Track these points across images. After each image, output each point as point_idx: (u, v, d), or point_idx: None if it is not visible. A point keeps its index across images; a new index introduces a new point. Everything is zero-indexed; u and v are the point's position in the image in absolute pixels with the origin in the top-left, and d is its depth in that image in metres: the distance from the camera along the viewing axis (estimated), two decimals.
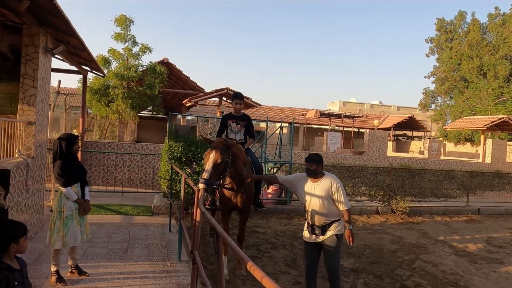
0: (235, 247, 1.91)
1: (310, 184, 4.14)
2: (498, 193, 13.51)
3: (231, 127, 5.66)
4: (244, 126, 5.70)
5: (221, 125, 5.77)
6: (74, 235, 4.25)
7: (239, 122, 5.65)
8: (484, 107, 29.25)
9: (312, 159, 4.13)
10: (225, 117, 5.78)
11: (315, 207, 4.08)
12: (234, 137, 5.63)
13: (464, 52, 33.74)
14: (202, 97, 15.03)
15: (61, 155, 4.24)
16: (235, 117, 5.67)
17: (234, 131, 5.66)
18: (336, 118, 26.22)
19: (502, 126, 19.39)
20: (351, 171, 10.66)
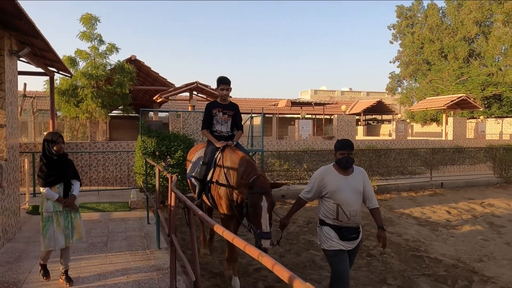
0: (206, 219, 2.21)
1: (341, 178, 3.42)
2: (459, 167, 14.39)
3: (216, 117, 4.87)
4: (231, 116, 4.93)
5: (205, 115, 4.90)
6: (54, 238, 4.08)
7: (225, 112, 4.88)
8: (446, 87, 30.54)
9: (350, 144, 3.45)
10: (210, 106, 4.92)
11: (352, 206, 3.38)
12: (220, 128, 4.88)
13: (425, 36, 35.00)
14: (172, 92, 15.10)
15: (43, 155, 4.19)
16: (221, 106, 4.88)
17: (220, 121, 4.90)
18: (307, 106, 26.78)
19: (462, 104, 20.43)
20: (321, 155, 11.14)
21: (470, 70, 30.99)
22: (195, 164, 5.05)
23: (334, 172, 3.46)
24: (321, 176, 3.49)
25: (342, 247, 3.40)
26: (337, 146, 3.49)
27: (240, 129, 5.09)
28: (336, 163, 3.49)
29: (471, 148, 14.08)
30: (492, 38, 29.61)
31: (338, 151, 3.45)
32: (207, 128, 4.90)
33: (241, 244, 1.62)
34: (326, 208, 3.46)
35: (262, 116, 10.37)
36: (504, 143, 17.67)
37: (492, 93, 28.36)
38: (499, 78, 28.80)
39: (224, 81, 4.80)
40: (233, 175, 4.13)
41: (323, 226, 3.49)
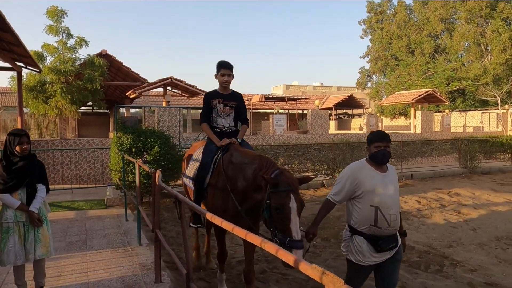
0: (195, 207, 2.26)
1: (378, 175, 2.93)
2: (427, 158, 15.00)
3: (216, 109, 4.12)
4: (233, 108, 4.18)
5: (204, 107, 4.17)
6: (13, 252, 3.47)
7: (227, 103, 4.13)
8: (414, 82, 31.60)
9: (386, 136, 2.98)
10: (208, 96, 4.17)
11: (393, 209, 2.89)
12: (221, 123, 4.15)
13: (393, 32, 36.00)
14: (146, 87, 14.88)
15: (4, 156, 3.58)
16: (222, 96, 4.12)
17: (221, 115, 4.15)
18: (280, 101, 27.04)
19: (429, 98, 21.24)
20: (297, 149, 11.33)
21: (436, 66, 32.19)
22: (192, 165, 4.24)
23: (370, 168, 2.94)
24: (354, 173, 2.94)
25: (374, 262, 2.89)
26: (371, 138, 2.99)
27: (245, 123, 4.33)
28: (371, 158, 2.97)
29: (438, 141, 14.71)
30: (456, 34, 30.84)
31: (372, 143, 2.94)
32: (207, 121, 4.15)
33: (242, 234, 1.68)
34: (359, 212, 2.89)
35: None
36: (468, 135, 18.55)
37: (456, 88, 29.61)
38: (463, 73, 30.07)
39: (225, 65, 4.03)
40: (239, 173, 3.39)
41: (355, 235, 2.93)
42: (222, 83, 4.07)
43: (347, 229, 3.06)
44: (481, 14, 29.00)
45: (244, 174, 3.31)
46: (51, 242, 3.74)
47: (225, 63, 4.07)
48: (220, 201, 3.54)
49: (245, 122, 4.35)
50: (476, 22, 29.47)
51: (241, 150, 3.71)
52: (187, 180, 4.28)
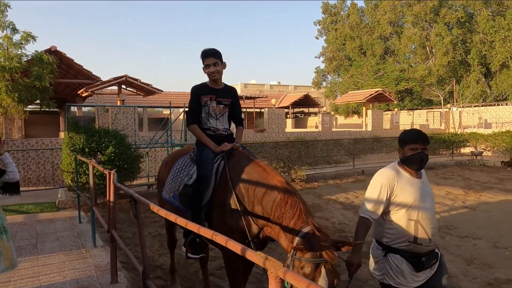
0: (152, 205, 2.35)
1: (416, 183, 2.55)
2: (377, 155, 15.80)
3: (208, 107, 3.33)
4: (228, 106, 3.42)
5: (193, 104, 3.36)
6: None
7: (221, 100, 3.36)
8: (365, 82, 32.99)
9: (424, 136, 2.57)
10: (197, 91, 3.36)
11: (433, 222, 2.54)
12: (214, 125, 3.35)
13: (347, 33, 37.34)
14: (100, 86, 14.42)
15: None
16: (214, 91, 3.34)
17: (214, 115, 3.35)
18: None
19: (379, 98, 22.33)
20: (253, 148, 11.54)
21: (386, 67, 33.82)
22: (175, 178, 3.46)
23: (405, 175, 2.54)
24: (390, 181, 2.50)
25: (417, 283, 2.49)
26: (406, 138, 2.57)
27: (241, 123, 3.59)
28: (404, 162, 2.55)
29: (387, 138, 15.55)
30: (404, 37, 32.57)
31: (407, 145, 2.52)
32: (196, 122, 3.34)
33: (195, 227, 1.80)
34: (395, 227, 2.49)
35: None
36: None
37: (405, 88, 31.30)
38: (410, 74, 31.83)
39: (207, 53, 3.26)
40: (254, 196, 2.73)
41: (390, 254, 2.52)
42: (210, 75, 3.30)
43: (377, 247, 2.61)
44: (426, 19, 30.84)
45: (262, 202, 2.64)
46: (14, 254, 3.46)
47: (206, 51, 3.28)
48: (230, 223, 2.82)
49: (241, 123, 3.58)
50: (421, 26, 31.29)
51: (254, 160, 2.95)
52: (172, 198, 3.40)
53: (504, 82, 28.15)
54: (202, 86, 3.39)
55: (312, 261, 2.10)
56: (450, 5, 31.43)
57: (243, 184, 2.83)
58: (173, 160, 3.77)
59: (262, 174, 2.77)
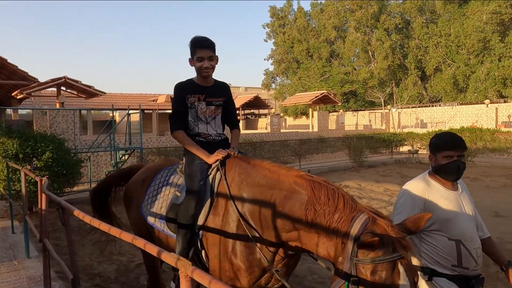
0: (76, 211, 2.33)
1: (452, 196, 2.20)
2: (322, 155, 16.41)
3: (196, 110, 2.74)
4: (221, 107, 2.83)
5: (177, 105, 2.76)
6: None
7: (211, 101, 2.77)
8: (312, 84, 34.06)
9: (461, 141, 2.20)
10: (183, 89, 2.75)
11: (477, 241, 2.18)
12: (204, 130, 2.77)
13: (294, 36, 38.31)
14: (36, 88, 13.62)
15: None
16: (203, 90, 2.75)
17: (203, 118, 2.77)
18: None
19: (324, 99, 23.18)
20: None
21: (332, 69, 35.16)
22: (157, 197, 2.89)
23: (438, 186, 2.20)
24: (419, 195, 2.17)
25: None
26: (439, 143, 2.21)
27: (236, 126, 2.97)
28: (437, 172, 2.21)
29: (331, 138, 16.21)
30: (347, 41, 34.04)
31: (441, 151, 2.17)
32: (182, 127, 2.74)
33: (116, 232, 1.83)
34: (434, 249, 2.15)
35: (140, 112, 10.26)
36: (357, 133, 20.70)
37: (349, 90, 32.71)
38: (354, 77, 33.33)
39: (202, 43, 2.67)
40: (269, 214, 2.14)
41: (435, 277, 2.15)
42: (202, 71, 2.67)
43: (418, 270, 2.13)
44: (367, 24, 32.47)
45: (284, 209, 2.07)
46: None
47: (201, 40, 2.68)
48: (238, 253, 2.23)
49: (236, 125, 2.97)
50: (363, 31, 32.89)
51: (254, 163, 2.42)
52: (159, 222, 2.79)
53: (438, 85, 30.36)
54: (188, 83, 2.77)
55: (387, 259, 1.61)
56: (389, 12, 33.34)
57: (250, 199, 2.26)
58: (152, 174, 3.13)
59: (270, 177, 2.23)
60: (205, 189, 2.51)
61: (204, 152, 2.61)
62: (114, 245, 5.78)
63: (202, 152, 2.61)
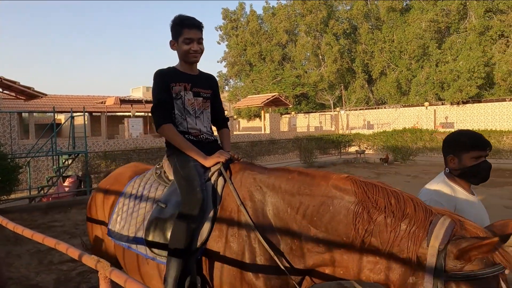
0: (5, 221, 2.24)
1: (473, 201, 2.01)
2: (274, 156, 16.71)
3: (182, 101, 2.32)
4: (209, 100, 2.47)
5: (161, 95, 2.28)
6: None
7: (199, 91, 2.39)
8: (265, 87, 34.54)
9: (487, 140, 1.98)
10: (165, 77, 2.32)
11: None
12: (193, 125, 2.35)
13: (247, 39, 38.61)
14: None
15: None
16: (189, 78, 2.37)
17: (192, 111, 2.36)
18: (138, 104, 26.22)
19: (276, 102, 23.59)
20: (150, 153, 11.33)
21: (284, 72, 35.85)
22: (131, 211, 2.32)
23: (463, 192, 1.99)
24: (449, 202, 1.92)
25: None
26: (470, 142, 1.95)
27: (225, 124, 2.64)
28: (465, 175, 1.98)
29: (282, 140, 16.54)
30: (298, 45, 34.88)
31: (470, 151, 1.93)
32: (170, 119, 2.26)
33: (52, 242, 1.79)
34: None
35: (84, 114, 9.89)
36: (308, 134, 21.29)
37: (300, 92, 33.53)
38: (305, 80, 34.21)
39: (194, 23, 2.30)
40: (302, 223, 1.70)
41: None
42: (188, 55, 2.29)
43: None
44: (317, 29, 33.49)
45: (323, 226, 1.63)
46: None
47: (189, 19, 2.31)
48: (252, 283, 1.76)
49: (225, 124, 2.64)
50: (313, 35, 33.88)
51: (271, 168, 2.06)
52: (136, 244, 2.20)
53: (383, 88, 31.96)
54: (171, 70, 2.37)
55: (489, 273, 1.27)
56: (337, 17, 34.62)
57: (269, 209, 1.80)
58: (119, 183, 2.59)
59: (297, 180, 1.78)
60: (207, 197, 1.98)
61: (200, 153, 2.18)
62: (55, 254, 5.57)
63: (198, 153, 2.18)
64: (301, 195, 1.72)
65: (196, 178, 2.05)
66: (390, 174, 14.45)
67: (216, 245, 1.88)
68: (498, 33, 25.77)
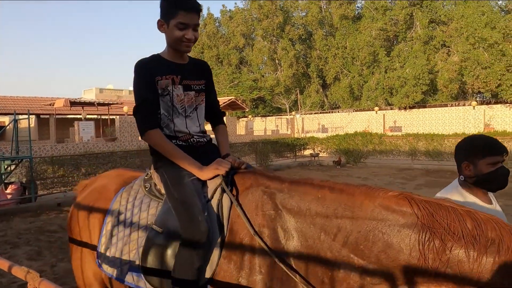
0: None
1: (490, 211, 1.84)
2: None
3: (170, 97, 1.93)
4: (203, 93, 2.07)
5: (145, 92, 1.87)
6: None
7: (189, 84, 1.99)
8: (222, 90, 34.55)
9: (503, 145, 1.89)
10: (149, 68, 1.90)
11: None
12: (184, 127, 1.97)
13: (204, 42, 38.45)
14: None
15: None
16: (177, 68, 1.96)
17: (182, 110, 1.97)
18: (89, 106, 25.28)
19: (232, 105, 23.72)
20: (101, 158, 10.99)
21: (241, 76, 36.07)
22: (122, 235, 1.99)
23: (476, 201, 1.88)
24: None
25: None
26: (486, 147, 1.86)
27: (221, 120, 2.26)
28: (482, 182, 1.87)
29: (238, 143, 16.64)
30: (255, 49, 35.27)
31: (487, 156, 1.83)
32: (156, 123, 1.90)
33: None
34: None
35: (28, 117, 9.44)
36: (265, 138, 21.57)
37: (257, 96, 33.89)
38: (262, 83, 34.64)
39: (191, 4, 1.85)
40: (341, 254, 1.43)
41: None
42: (180, 44, 1.89)
43: None
44: (274, 34, 34.06)
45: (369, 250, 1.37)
46: None
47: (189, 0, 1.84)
48: None
49: (221, 120, 2.26)
50: (270, 40, 34.41)
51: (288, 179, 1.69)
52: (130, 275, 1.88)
53: (337, 93, 33.09)
54: (155, 59, 1.93)
55: None
56: (293, 23, 35.41)
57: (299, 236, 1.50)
58: (104, 199, 2.17)
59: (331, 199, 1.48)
60: (211, 224, 1.66)
61: (194, 163, 1.81)
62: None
63: (192, 163, 1.81)
64: (339, 218, 1.43)
65: (196, 202, 1.70)
66: (342, 176, 14.99)
67: (226, 276, 1.59)
68: (440, 42, 27.59)
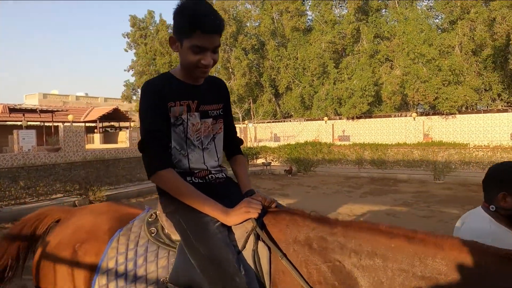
0: None
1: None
2: None
3: (185, 127, 1.61)
4: (221, 120, 1.74)
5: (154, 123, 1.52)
6: None
7: (208, 109, 1.68)
8: None
9: None
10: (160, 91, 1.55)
11: None
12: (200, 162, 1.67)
13: (156, 48, 37.81)
14: None
15: None
16: (194, 92, 1.64)
17: (198, 142, 1.66)
18: (31, 113, 23.89)
19: None
20: (42, 170, 10.44)
21: None
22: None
23: (506, 231, 1.69)
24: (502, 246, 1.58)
25: None
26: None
27: (238, 148, 1.92)
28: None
29: None
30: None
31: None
32: (169, 162, 1.57)
33: None
34: None
35: None
36: None
37: None
38: None
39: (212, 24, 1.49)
40: None
41: None
42: (195, 69, 1.57)
43: None
44: (227, 43, 34.27)
45: None
46: None
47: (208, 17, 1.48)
48: None
49: (239, 149, 1.92)
50: (223, 49, 34.55)
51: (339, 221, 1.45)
52: None
53: (288, 102, 33.85)
54: (168, 80, 1.61)
55: None
56: (246, 33, 35.85)
57: None
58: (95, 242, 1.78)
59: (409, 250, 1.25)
60: (250, 282, 1.35)
61: (218, 206, 1.49)
62: None
63: (215, 207, 1.49)
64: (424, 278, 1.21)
65: (229, 257, 1.37)
66: (293, 185, 15.36)
67: None
68: (384, 56, 29.22)
